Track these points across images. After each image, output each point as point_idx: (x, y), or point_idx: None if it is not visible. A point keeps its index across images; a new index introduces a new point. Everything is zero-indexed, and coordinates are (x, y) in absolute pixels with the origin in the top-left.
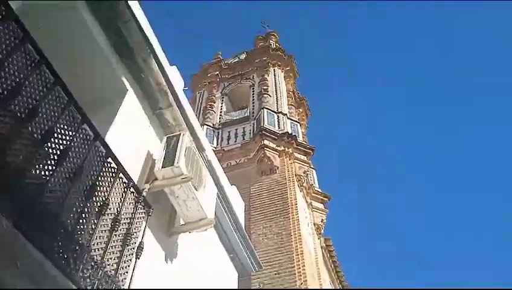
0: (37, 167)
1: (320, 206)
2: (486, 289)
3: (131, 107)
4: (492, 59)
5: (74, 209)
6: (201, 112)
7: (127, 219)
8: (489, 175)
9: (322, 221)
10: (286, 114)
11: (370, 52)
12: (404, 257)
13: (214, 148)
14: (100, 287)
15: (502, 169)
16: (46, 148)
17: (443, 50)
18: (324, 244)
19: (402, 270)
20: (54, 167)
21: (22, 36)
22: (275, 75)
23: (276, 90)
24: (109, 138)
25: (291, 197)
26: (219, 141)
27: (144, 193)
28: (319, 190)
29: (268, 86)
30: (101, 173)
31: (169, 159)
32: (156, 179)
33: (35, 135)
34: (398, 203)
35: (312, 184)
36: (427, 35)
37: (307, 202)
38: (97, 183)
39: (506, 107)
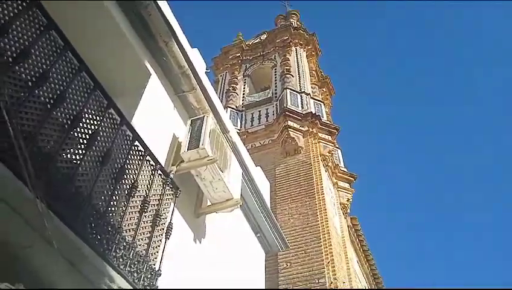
0: (67, 151)
1: (346, 185)
2: (487, 289)
3: (155, 91)
4: None
5: (105, 192)
6: (224, 94)
7: (155, 200)
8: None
9: (348, 200)
10: (309, 94)
11: (399, 30)
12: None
13: (238, 130)
14: (132, 266)
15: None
16: (75, 133)
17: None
18: (351, 223)
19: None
20: (83, 151)
21: (46, 23)
22: (297, 54)
23: (298, 70)
24: (135, 122)
25: (316, 177)
26: (243, 122)
27: (171, 175)
28: (345, 170)
29: (290, 66)
30: (129, 157)
31: (194, 141)
32: (182, 161)
33: (63, 121)
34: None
35: (337, 164)
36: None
37: (332, 181)
38: (125, 166)
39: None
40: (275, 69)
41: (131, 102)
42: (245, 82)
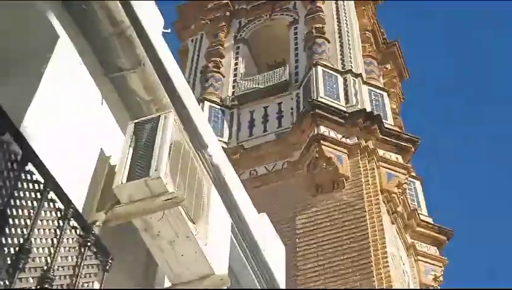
0: None
1: (432, 250)
2: (487, 289)
3: (66, 67)
4: None
5: None
6: (199, 76)
7: (65, 277)
8: None
9: (435, 278)
10: (360, 75)
11: None
12: None
13: (225, 143)
14: None
15: None
16: None
17: None
18: None
19: None
20: None
21: None
22: (336, 0)
23: (340, 30)
24: (29, 128)
25: (373, 234)
26: (234, 129)
27: (96, 229)
28: (429, 221)
29: (324, 23)
30: (15, 192)
31: (140, 164)
32: (118, 202)
33: None
34: None
35: (415, 209)
36: None
37: (405, 241)
38: (8, 210)
39: None
40: (295, 29)
41: (22, 86)
42: (238, 53)
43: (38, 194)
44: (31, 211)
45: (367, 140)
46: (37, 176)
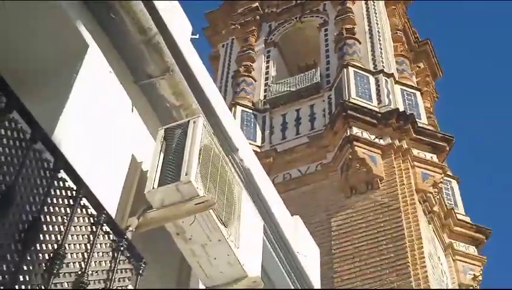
0: None
1: (470, 250)
2: (486, 289)
3: (95, 76)
4: None
5: (5, 264)
6: (230, 80)
7: (99, 281)
8: None
9: (474, 278)
10: (392, 74)
11: None
12: None
13: (258, 147)
14: None
15: None
16: None
17: None
18: None
19: None
20: None
21: None
22: (366, 0)
23: (371, 30)
24: (60, 135)
25: (409, 235)
26: (266, 133)
27: (129, 234)
28: (467, 220)
29: (355, 24)
30: (48, 200)
31: (170, 169)
32: (150, 207)
33: None
34: None
35: (452, 208)
36: None
37: (442, 241)
38: (42, 217)
39: None
40: (326, 30)
41: (53, 95)
42: (269, 57)
43: (71, 200)
44: (64, 217)
45: (401, 140)
46: (69, 183)
